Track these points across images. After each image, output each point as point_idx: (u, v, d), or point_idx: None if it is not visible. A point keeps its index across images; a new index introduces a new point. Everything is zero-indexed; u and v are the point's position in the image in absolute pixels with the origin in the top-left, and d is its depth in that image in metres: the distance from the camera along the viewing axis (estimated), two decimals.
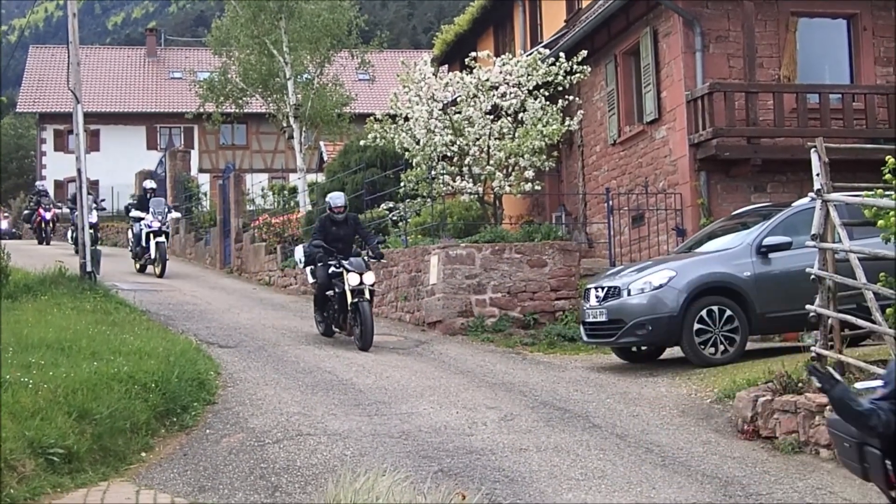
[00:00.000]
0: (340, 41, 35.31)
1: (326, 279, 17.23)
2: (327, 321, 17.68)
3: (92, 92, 59.00)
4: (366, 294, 16.71)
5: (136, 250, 28.30)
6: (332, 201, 17.75)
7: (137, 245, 28.03)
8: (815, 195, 11.60)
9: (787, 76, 20.53)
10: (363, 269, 16.87)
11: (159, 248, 27.23)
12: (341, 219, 17.56)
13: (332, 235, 17.42)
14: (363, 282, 16.70)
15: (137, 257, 28.22)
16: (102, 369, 11.17)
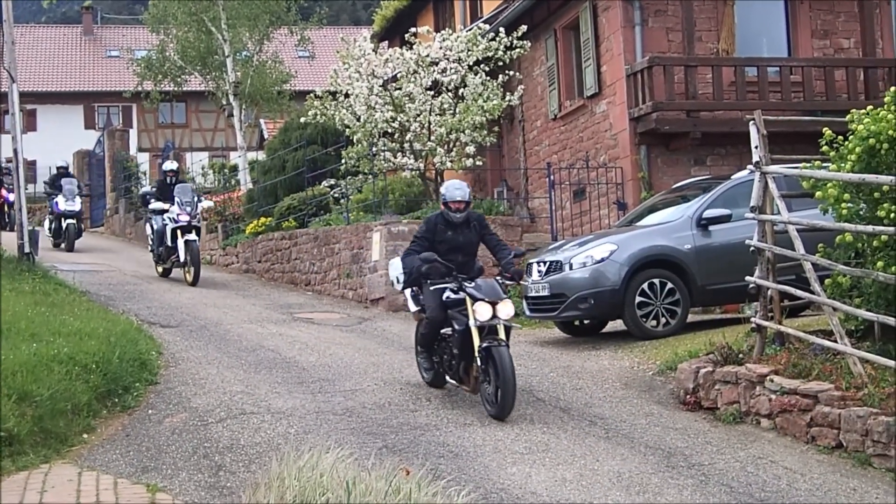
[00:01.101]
0: (279, 18, 35.11)
1: (440, 310, 11.60)
2: (439, 368, 12.13)
3: (28, 71, 58.25)
4: (501, 333, 11.13)
5: (158, 251, 22.83)
6: (448, 193, 12.15)
7: (160, 244, 22.53)
8: (754, 167, 11.68)
9: (725, 50, 20.62)
10: (497, 295, 11.21)
11: (190, 248, 21.71)
12: (460, 220, 12.00)
13: (447, 243, 11.92)
14: (497, 315, 11.11)
15: (161, 259, 22.93)
16: (42, 351, 11.05)
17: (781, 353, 11.02)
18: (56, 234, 28.94)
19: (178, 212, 21.79)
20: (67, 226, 28.22)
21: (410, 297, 12.45)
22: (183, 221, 21.72)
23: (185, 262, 21.86)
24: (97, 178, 40.34)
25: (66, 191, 28.51)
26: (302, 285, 22.32)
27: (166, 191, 22.59)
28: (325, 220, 22.80)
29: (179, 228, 21.77)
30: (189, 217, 21.78)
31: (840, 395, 9.57)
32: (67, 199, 28.42)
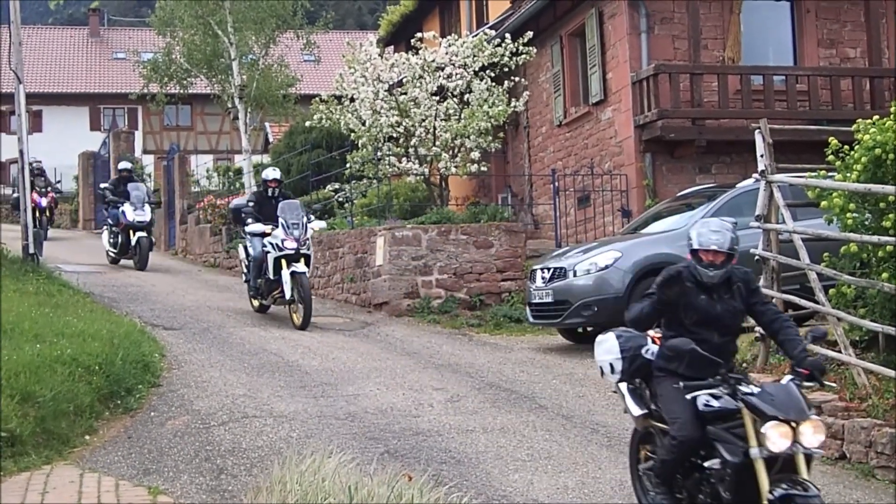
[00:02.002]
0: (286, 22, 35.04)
1: (695, 427, 7.40)
2: None
3: (34, 72, 58.29)
4: (803, 471, 7.12)
5: (256, 283, 18.09)
6: (701, 237, 7.75)
7: (260, 275, 17.85)
8: (759, 176, 11.68)
9: (731, 58, 20.63)
10: (801, 411, 7.10)
11: (298, 282, 16.98)
12: (718, 279, 7.73)
13: (699, 314, 7.74)
14: (799, 441, 7.06)
15: (260, 294, 18.14)
16: (45, 352, 11.05)
17: (785, 363, 10.99)
18: (122, 250, 24.71)
19: (284, 236, 17.13)
20: (138, 240, 24.01)
21: (629, 393, 8.39)
22: (289, 249, 17.08)
23: (292, 298, 17.08)
24: (102, 180, 40.29)
25: (134, 198, 24.37)
26: None
27: (267, 206, 18.02)
28: (330, 224, 22.79)
29: (285, 257, 17.16)
30: (297, 243, 17.18)
31: (844, 406, 9.56)
32: (136, 208, 24.27)
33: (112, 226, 24.83)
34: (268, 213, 17.65)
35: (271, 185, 18.33)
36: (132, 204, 24.08)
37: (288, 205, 17.61)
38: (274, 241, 17.17)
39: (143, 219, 24.11)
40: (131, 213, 23.93)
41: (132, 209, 23.99)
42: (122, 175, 25.51)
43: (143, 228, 24.10)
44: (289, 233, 17.06)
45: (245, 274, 18.63)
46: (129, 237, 24.13)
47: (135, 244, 24.06)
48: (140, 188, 24.86)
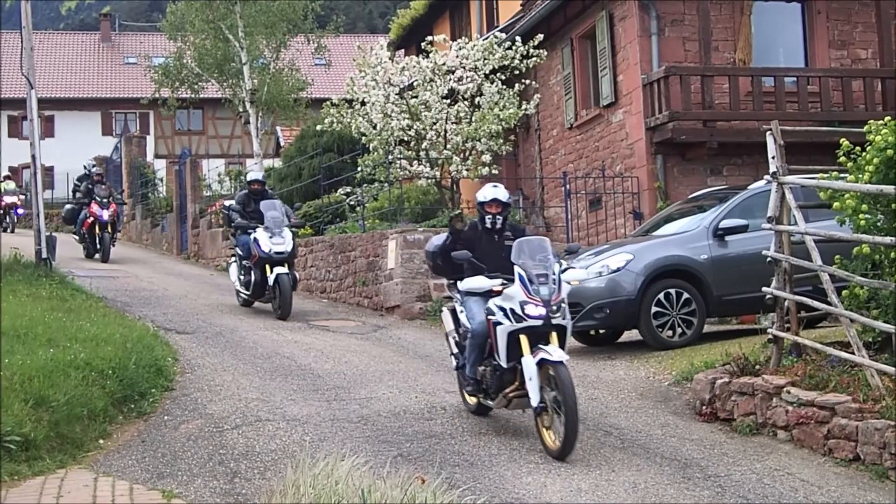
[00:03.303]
0: (296, 26, 35.17)
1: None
2: None
3: (46, 77, 58.48)
4: None
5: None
6: None
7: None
8: (771, 178, 11.65)
9: (742, 59, 20.62)
10: None
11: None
12: None
13: None
14: None
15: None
16: (59, 356, 11.08)
17: (798, 365, 10.98)
18: (257, 290, 18.77)
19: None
20: (277, 278, 18.14)
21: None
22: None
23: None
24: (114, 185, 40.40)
25: (270, 220, 18.51)
26: (317, 293, 22.34)
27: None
28: (341, 227, 22.82)
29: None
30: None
31: (857, 408, 9.53)
32: (272, 235, 18.38)
33: (242, 258, 19.00)
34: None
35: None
36: (267, 229, 18.37)
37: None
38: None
39: (283, 249, 18.30)
40: (266, 241, 18.25)
41: (267, 236, 18.31)
42: (253, 189, 19.57)
43: (282, 262, 18.30)
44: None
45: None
46: (264, 274, 18.38)
47: (273, 284, 18.22)
48: (277, 206, 19.02)
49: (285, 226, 18.56)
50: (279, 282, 18.03)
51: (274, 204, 19.05)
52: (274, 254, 18.14)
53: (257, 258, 18.32)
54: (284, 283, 18.02)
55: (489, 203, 11.04)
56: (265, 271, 18.33)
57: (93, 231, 27.28)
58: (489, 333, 10.45)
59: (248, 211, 19.03)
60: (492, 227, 10.99)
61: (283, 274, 18.06)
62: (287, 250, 18.31)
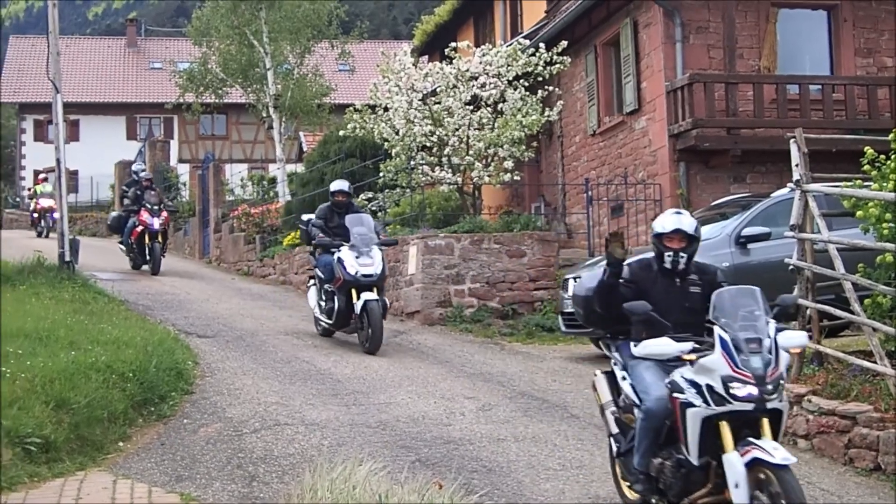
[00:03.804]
0: (321, 32, 35.26)
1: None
2: None
3: (72, 82, 58.78)
4: None
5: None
6: None
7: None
8: (795, 186, 11.61)
9: (767, 67, 20.57)
10: None
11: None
12: None
13: None
14: None
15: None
16: (80, 359, 11.11)
17: (820, 374, 10.93)
18: (340, 320, 15.95)
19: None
20: (365, 305, 15.23)
21: None
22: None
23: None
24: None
25: (357, 237, 15.67)
26: None
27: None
28: None
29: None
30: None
31: (879, 417, 9.48)
32: (360, 254, 15.56)
33: (323, 280, 16.32)
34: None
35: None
36: (353, 248, 15.61)
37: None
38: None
39: (371, 271, 15.47)
40: (352, 261, 15.51)
41: (353, 256, 15.55)
42: (337, 201, 16.65)
43: (371, 286, 15.45)
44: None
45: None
46: (350, 300, 15.54)
47: (360, 312, 15.44)
48: (365, 221, 16.20)
49: (374, 244, 15.71)
50: (367, 310, 15.15)
51: (361, 218, 16.22)
52: (361, 276, 15.31)
53: (342, 282, 15.52)
54: (374, 311, 15.12)
55: (670, 235, 8.12)
56: (351, 297, 15.44)
57: (142, 241, 25.09)
58: (671, 415, 7.58)
59: (330, 226, 16.33)
60: (673, 267, 8.14)
61: (373, 301, 15.14)
62: (377, 272, 15.45)
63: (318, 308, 16.62)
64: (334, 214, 16.52)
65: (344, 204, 16.61)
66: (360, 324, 15.44)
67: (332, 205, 16.64)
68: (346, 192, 16.67)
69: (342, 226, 16.03)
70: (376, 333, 15.13)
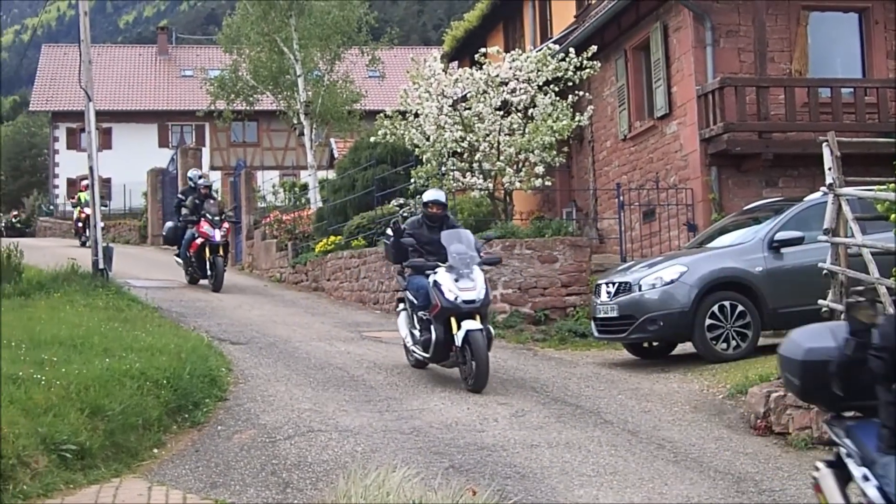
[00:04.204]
0: (350, 38, 35.37)
1: None
2: None
3: (104, 90, 59.17)
4: None
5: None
6: None
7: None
8: (828, 189, 11.57)
9: (798, 70, 20.49)
10: None
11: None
12: None
13: None
14: None
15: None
16: (115, 366, 11.18)
17: None
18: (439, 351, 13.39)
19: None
20: (468, 336, 12.87)
21: None
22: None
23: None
24: (170, 196, 40.78)
25: (456, 257, 13.38)
26: (370, 304, 22.39)
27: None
28: None
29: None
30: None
31: None
32: (460, 277, 13.24)
33: (417, 307, 13.79)
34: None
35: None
36: (452, 269, 13.27)
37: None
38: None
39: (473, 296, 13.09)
40: (451, 285, 13.12)
41: (452, 278, 13.19)
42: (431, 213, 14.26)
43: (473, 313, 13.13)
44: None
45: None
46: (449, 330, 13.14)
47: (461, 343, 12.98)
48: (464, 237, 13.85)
49: (475, 264, 13.43)
50: (470, 341, 12.81)
51: (459, 234, 13.91)
52: (462, 303, 13.01)
53: (439, 309, 13.15)
54: (477, 343, 12.77)
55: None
56: (450, 326, 13.10)
57: (202, 254, 23.62)
58: None
59: (422, 243, 14.02)
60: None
61: (476, 330, 12.84)
62: (479, 298, 13.10)
63: (409, 337, 14.25)
64: (427, 228, 14.17)
65: (439, 217, 14.24)
66: (462, 357, 13.05)
67: (425, 217, 14.27)
68: (441, 203, 14.27)
69: (436, 242, 13.81)
70: (481, 368, 12.71)
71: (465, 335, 12.86)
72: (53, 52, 70.11)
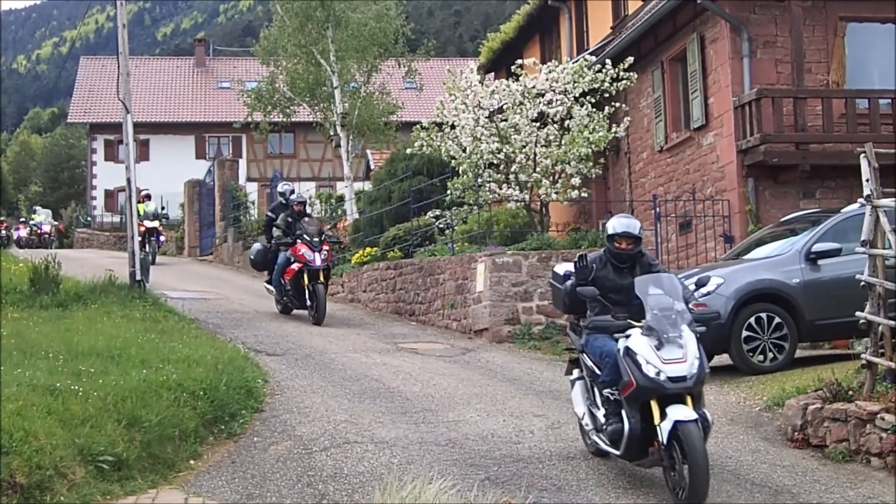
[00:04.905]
0: (387, 50, 35.45)
1: None
2: None
3: (142, 102, 59.57)
4: None
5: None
6: None
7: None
8: (865, 201, 11.49)
9: (835, 81, 20.39)
10: None
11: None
12: None
13: None
14: None
15: None
16: (151, 377, 11.24)
17: (892, 391, 10.79)
18: (632, 447, 9.33)
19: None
20: (676, 429, 8.90)
21: None
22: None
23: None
24: (207, 208, 40.98)
25: (658, 313, 9.39)
26: (406, 315, 22.41)
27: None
28: (430, 250, 22.86)
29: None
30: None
31: None
32: (664, 342, 9.24)
33: (598, 378, 9.95)
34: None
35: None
36: (651, 330, 9.33)
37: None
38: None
39: (683, 371, 9.16)
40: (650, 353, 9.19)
41: (650, 344, 9.26)
42: (620, 251, 10.21)
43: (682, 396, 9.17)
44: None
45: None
46: (648, 416, 9.20)
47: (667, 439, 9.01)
48: (666, 283, 9.82)
49: (686, 322, 9.43)
50: (681, 437, 8.88)
51: (660, 279, 9.89)
52: (667, 381, 9.06)
53: (634, 388, 9.18)
54: (691, 440, 8.82)
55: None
56: (649, 412, 9.13)
57: (299, 281, 20.51)
58: None
59: (606, 290, 10.05)
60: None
61: (689, 422, 8.92)
62: (691, 374, 9.15)
63: (588, 417, 10.29)
64: (613, 270, 10.26)
65: (629, 256, 10.24)
66: (668, 458, 9.03)
67: (610, 255, 10.27)
68: (633, 237, 10.20)
69: (626, 289, 9.99)
70: (698, 475, 8.68)
71: (672, 427, 8.95)
72: (91, 65, 70.64)
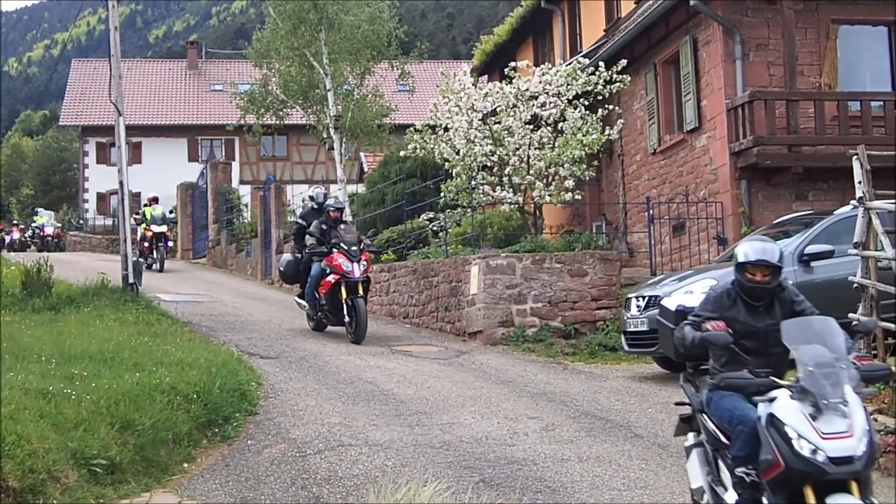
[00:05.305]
0: (380, 52, 35.37)
1: None
2: None
3: (134, 105, 59.52)
4: None
5: None
6: None
7: None
8: (858, 203, 11.53)
9: (827, 84, 20.42)
10: None
11: None
12: None
13: None
14: None
15: None
16: (145, 380, 11.22)
17: (885, 392, 10.81)
18: None
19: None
20: None
21: None
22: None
23: None
24: (200, 210, 40.96)
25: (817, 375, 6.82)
26: (400, 318, 22.41)
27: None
28: (424, 253, 22.87)
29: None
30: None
31: None
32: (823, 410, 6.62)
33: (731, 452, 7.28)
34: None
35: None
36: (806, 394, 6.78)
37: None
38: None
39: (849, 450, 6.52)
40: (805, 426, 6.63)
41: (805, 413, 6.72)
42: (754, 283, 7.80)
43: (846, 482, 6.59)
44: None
45: None
46: None
47: None
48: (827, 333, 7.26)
49: (849, 383, 6.85)
50: None
51: (812, 324, 7.62)
52: (828, 462, 6.55)
53: (782, 469, 6.68)
54: None
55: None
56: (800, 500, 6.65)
57: (336, 295, 18.50)
58: None
59: (737, 334, 7.63)
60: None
61: None
62: (861, 452, 6.64)
63: (711, 496, 7.72)
64: (745, 308, 7.87)
65: (766, 291, 7.91)
66: None
67: (743, 291, 7.89)
68: (772, 266, 7.88)
69: (760, 334, 7.79)
70: None
71: None
72: (83, 67, 70.56)
